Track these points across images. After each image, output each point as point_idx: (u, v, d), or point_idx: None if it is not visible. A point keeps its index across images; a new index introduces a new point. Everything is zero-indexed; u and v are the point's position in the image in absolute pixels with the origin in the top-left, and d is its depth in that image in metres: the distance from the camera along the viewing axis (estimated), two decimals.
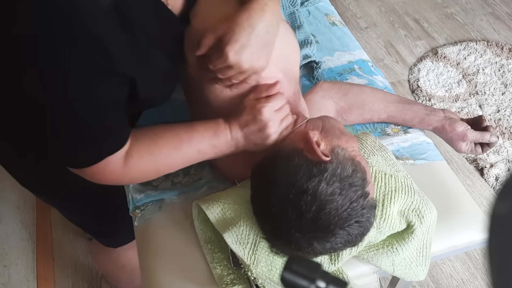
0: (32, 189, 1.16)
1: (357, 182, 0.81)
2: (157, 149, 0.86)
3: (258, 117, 0.88)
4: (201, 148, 0.88)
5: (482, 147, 1.19)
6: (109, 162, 0.81)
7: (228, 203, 0.93)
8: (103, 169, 0.81)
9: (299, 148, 0.84)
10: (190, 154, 0.89)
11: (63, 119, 0.75)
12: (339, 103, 1.17)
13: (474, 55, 2.58)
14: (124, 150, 0.82)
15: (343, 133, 0.90)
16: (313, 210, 0.77)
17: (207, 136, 0.88)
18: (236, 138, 0.90)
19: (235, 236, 0.89)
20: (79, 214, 1.28)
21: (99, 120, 0.78)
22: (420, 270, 0.97)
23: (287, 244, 0.81)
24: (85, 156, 0.80)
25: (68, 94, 0.72)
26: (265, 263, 0.88)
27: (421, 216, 0.94)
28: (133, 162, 0.84)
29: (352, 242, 0.80)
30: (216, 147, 0.89)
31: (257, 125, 0.88)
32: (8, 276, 1.79)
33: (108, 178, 0.84)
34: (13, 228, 1.93)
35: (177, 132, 0.88)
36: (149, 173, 0.90)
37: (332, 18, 1.56)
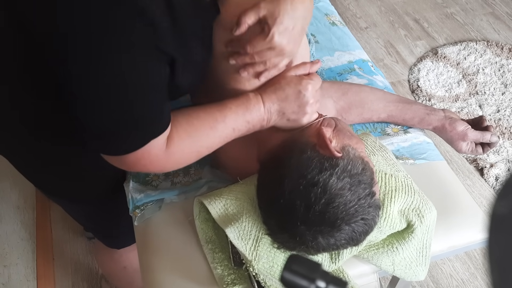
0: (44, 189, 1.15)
1: (366, 180, 0.82)
2: (195, 131, 0.85)
3: (303, 93, 0.87)
4: (235, 125, 0.87)
5: (482, 147, 1.19)
6: (153, 147, 0.79)
7: (230, 199, 0.93)
8: (147, 154, 0.79)
9: (312, 143, 0.85)
10: (226, 133, 0.87)
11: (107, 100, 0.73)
12: (338, 102, 1.17)
13: (474, 55, 2.58)
14: (166, 133, 0.81)
15: (353, 135, 0.91)
16: (322, 202, 0.77)
17: (240, 112, 0.87)
18: (269, 111, 0.88)
19: (237, 232, 0.89)
20: (87, 216, 1.28)
21: (147, 100, 0.76)
22: (420, 270, 0.97)
23: (292, 237, 0.81)
24: (129, 140, 0.78)
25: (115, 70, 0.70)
26: (267, 259, 0.88)
27: (421, 216, 0.94)
28: (175, 145, 0.82)
29: (356, 240, 0.81)
30: (250, 123, 0.88)
31: (299, 101, 0.88)
32: (8, 276, 1.79)
33: (152, 163, 0.82)
34: (13, 228, 1.93)
35: (211, 112, 0.87)
36: (190, 155, 0.88)
37: (332, 18, 1.56)
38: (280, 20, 0.80)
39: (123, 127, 0.76)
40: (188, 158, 0.89)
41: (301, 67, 0.91)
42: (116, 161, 0.81)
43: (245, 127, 0.88)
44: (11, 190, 2.04)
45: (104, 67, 0.69)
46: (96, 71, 0.70)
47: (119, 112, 0.74)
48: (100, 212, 1.24)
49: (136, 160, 0.80)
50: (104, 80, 0.71)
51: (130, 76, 0.72)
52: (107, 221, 1.28)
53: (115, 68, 0.70)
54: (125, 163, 0.81)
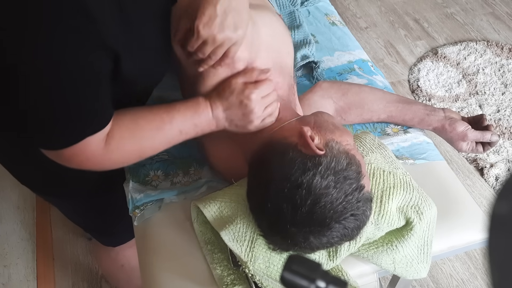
0: (32, 186, 1.14)
1: (351, 175, 0.81)
2: (139, 130, 0.85)
3: (245, 102, 0.87)
4: (182, 128, 0.87)
5: (483, 146, 1.18)
6: (90, 143, 0.77)
7: (225, 201, 0.93)
8: (83, 150, 0.78)
9: (293, 143, 0.84)
10: (172, 134, 0.87)
11: (43, 91, 0.71)
12: (338, 102, 1.16)
13: (474, 55, 2.58)
14: (106, 130, 0.79)
15: (336, 127, 0.90)
16: (308, 204, 0.77)
17: (188, 115, 0.87)
18: (217, 117, 0.89)
19: (232, 234, 0.89)
20: (79, 212, 1.28)
21: (85, 94, 0.74)
22: (421, 267, 0.97)
23: (284, 239, 0.81)
24: (64, 135, 0.76)
25: (51, 61, 0.69)
26: (263, 259, 0.88)
27: (420, 213, 0.94)
28: (115, 144, 0.81)
29: (349, 235, 0.80)
30: (198, 126, 0.88)
31: (242, 110, 0.88)
32: (8, 276, 1.79)
33: (89, 160, 0.81)
34: (13, 228, 1.93)
35: (158, 112, 0.87)
36: (131, 155, 0.87)
37: (332, 18, 1.56)
38: (201, 12, 0.80)
39: (56, 121, 0.75)
40: (129, 157, 0.88)
41: (248, 74, 0.91)
42: (53, 155, 0.80)
43: (193, 130, 0.88)
44: (11, 190, 2.04)
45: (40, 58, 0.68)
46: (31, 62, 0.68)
47: (51, 105, 0.73)
48: (92, 209, 1.24)
49: (72, 155, 0.78)
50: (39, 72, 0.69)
51: (66, 68, 0.70)
52: (100, 219, 1.28)
53: (50, 59, 0.68)
54: (61, 158, 0.79)
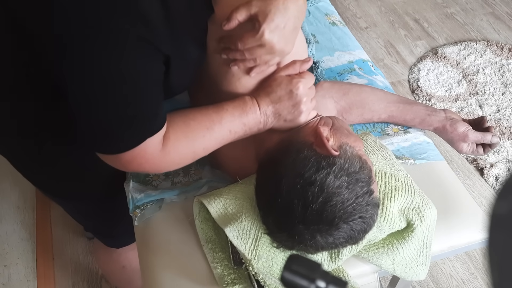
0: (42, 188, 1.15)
1: (363, 179, 0.82)
2: (191, 131, 0.86)
3: (295, 92, 0.88)
4: (232, 127, 0.88)
5: (483, 147, 1.18)
6: (149, 145, 0.79)
7: (230, 198, 0.93)
8: (142, 153, 0.79)
9: (309, 142, 0.85)
10: (222, 134, 0.88)
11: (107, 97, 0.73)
12: (339, 102, 1.16)
13: (474, 55, 2.58)
14: (163, 132, 0.81)
15: (350, 133, 0.91)
16: (319, 201, 0.77)
17: (236, 114, 0.88)
18: (265, 114, 0.89)
19: (236, 231, 0.89)
20: (84, 214, 1.28)
21: (146, 98, 0.76)
22: (420, 270, 0.97)
23: (290, 236, 0.81)
24: (126, 138, 0.77)
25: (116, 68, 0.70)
26: (266, 258, 0.88)
27: (421, 215, 0.94)
28: (171, 145, 0.82)
29: (354, 238, 0.81)
30: (246, 125, 0.89)
31: (292, 101, 0.88)
32: (8, 276, 1.79)
33: (148, 162, 0.82)
34: (13, 228, 1.93)
35: (208, 113, 0.87)
36: (186, 156, 0.88)
37: (332, 18, 1.56)
38: (271, 18, 0.80)
39: (119, 125, 0.76)
40: (184, 158, 0.89)
41: (291, 67, 0.91)
42: (112, 160, 0.81)
43: (241, 130, 0.89)
44: (11, 190, 2.04)
45: (99, 65, 0.69)
46: (90, 69, 0.70)
47: (115, 110, 0.74)
48: (99, 211, 1.24)
49: (132, 158, 0.79)
50: (99, 78, 0.71)
51: (125, 74, 0.72)
52: (106, 221, 1.28)
53: (110, 66, 0.70)
54: (120, 161, 0.80)
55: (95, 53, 0.68)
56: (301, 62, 0.92)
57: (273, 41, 0.82)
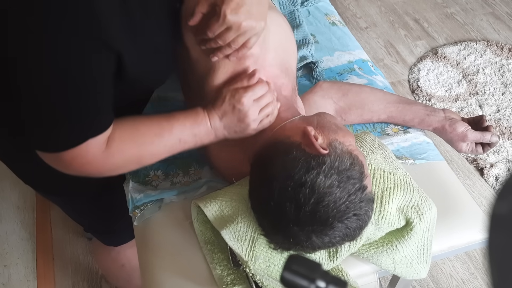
0: (32, 185, 1.14)
1: (355, 175, 0.81)
2: (140, 136, 0.85)
3: (237, 107, 0.88)
4: (182, 136, 0.88)
5: (483, 146, 1.18)
6: (91, 146, 0.77)
7: (225, 200, 0.93)
8: (84, 153, 0.77)
9: (297, 142, 0.84)
10: (171, 142, 0.87)
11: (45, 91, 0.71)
12: (338, 103, 1.16)
13: (474, 55, 2.58)
14: (107, 133, 0.79)
15: (339, 127, 0.90)
16: (311, 202, 0.77)
17: (188, 124, 0.88)
18: (215, 127, 0.89)
19: (232, 233, 0.89)
20: (80, 212, 1.28)
21: (87, 96, 0.74)
22: (421, 268, 0.97)
23: (286, 238, 0.81)
24: (67, 136, 0.76)
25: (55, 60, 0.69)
26: (263, 259, 0.88)
27: (420, 213, 0.94)
28: (115, 147, 0.81)
29: (351, 236, 0.80)
30: (197, 136, 0.89)
31: (236, 115, 0.89)
32: (8, 276, 1.79)
33: (90, 164, 0.80)
34: (13, 228, 1.93)
35: (159, 120, 0.87)
36: (131, 160, 0.87)
37: (332, 18, 1.56)
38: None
39: (60, 122, 0.74)
40: (128, 162, 0.87)
41: (238, 81, 0.91)
42: (52, 159, 0.79)
43: (192, 140, 0.89)
44: (11, 190, 2.04)
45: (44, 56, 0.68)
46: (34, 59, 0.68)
47: (57, 106, 0.73)
48: (94, 208, 1.24)
49: (72, 158, 0.78)
50: (42, 70, 0.69)
51: (69, 67, 0.70)
52: (102, 219, 1.28)
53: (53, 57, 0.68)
54: (61, 161, 0.78)
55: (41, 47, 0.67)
56: (248, 76, 0.91)
57: (238, 19, 0.81)
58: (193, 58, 0.95)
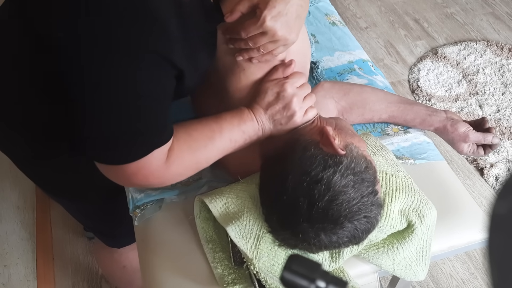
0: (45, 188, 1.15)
1: (369, 178, 0.82)
2: (194, 142, 0.86)
3: (282, 94, 0.88)
4: (232, 136, 0.88)
5: (484, 148, 1.18)
6: (155, 157, 0.79)
7: (231, 197, 0.93)
8: (148, 164, 0.79)
9: (316, 141, 0.85)
10: (223, 143, 0.88)
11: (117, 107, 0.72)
12: (340, 102, 1.16)
13: (474, 55, 2.58)
14: (169, 144, 0.81)
15: (355, 134, 0.92)
16: (325, 200, 0.77)
17: (235, 123, 0.88)
18: (261, 121, 0.90)
19: (238, 230, 0.89)
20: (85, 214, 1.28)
21: (158, 110, 0.76)
22: (420, 270, 0.97)
23: (294, 234, 0.81)
24: (134, 149, 0.77)
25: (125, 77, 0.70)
26: (268, 257, 0.88)
27: (422, 216, 0.94)
28: (175, 156, 0.83)
29: (358, 237, 0.81)
30: (245, 133, 0.89)
31: (281, 103, 0.89)
32: (8, 276, 1.79)
33: (152, 174, 0.82)
34: (13, 228, 1.93)
35: (208, 123, 0.88)
36: (190, 166, 0.88)
37: (332, 18, 1.55)
38: (272, 5, 0.81)
39: (128, 137, 0.76)
40: (188, 169, 0.89)
41: (274, 73, 0.91)
42: (115, 171, 0.80)
43: (241, 138, 0.89)
44: (11, 190, 2.04)
45: (111, 75, 0.69)
46: (102, 78, 0.70)
47: (126, 123, 0.74)
48: (100, 211, 1.24)
49: (137, 170, 0.79)
50: (110, 88, 0.71)
51: (139, 87, 0.72)
52: (107, 221, 1.28)
53: (121, 76, 0.70)
54: (125, 173, 0.80)
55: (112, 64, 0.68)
56: (284, 66, 0.92)
57: (275, 27, 0.82)
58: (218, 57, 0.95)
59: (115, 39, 0.67)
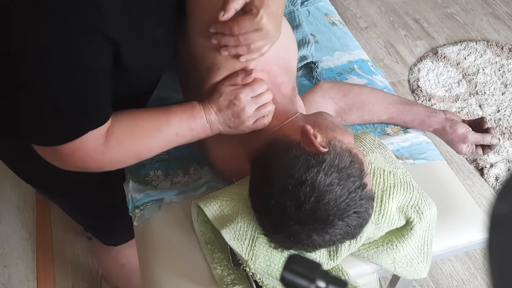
0: (33, 184, 1.14)
1: (355, 173, 0.81)
2: (138, 129, 0.85)
3: (234, 102, 0.88)
4: (179, 130, 0.88)
5: (483, 149, 1.18)
6: (91, 138, 0.77)
7: (226, 200, 0.93)
8: (84, 146, 0.77)
9: (296, 141, 0.85)
10: (169, 136, 0.88)
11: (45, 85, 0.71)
12: (339, 103, 1.16)
13: (474, 55, 2.58)
14: (106, 126, 0.80)
15: (337, 126, 0.90)
16: (312, 201, 0.77)
17: (185, 118, 0.88)
18: (211, 121, 0.90)
19: (232, 233, 0.89)
20: (79, 211, 1.28)
21: (86, 89, 0.75)
22: (421, 267, 0.97)
23: (286, 237, 0.81)
24: (66, 129, 0.76)
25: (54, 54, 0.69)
26: (263, 258, 0.88)
27: (420, 212, 0.93)
28: (114, 140, 0.81)
29: (351, 234, 0.80)
30: (193, 130, 0.89)
31: (231, 110, 0.89)
32: (8, 276, 1.79)
33: (89, 157, 0.80)
34: (13, 228, 1.93)
35: (157, 114, 0.88)
36: (130, 154, 0.87)
37: (332, 18, 1.55)
38: (267, 4, 0.82)
39: (59, 114, 0.74)
40: (127, 156, 0.88)
41: (233, 78, 0.91)
42: (51, 153, 0.79)
43: (189, 134, 0.89)
44: (11, 190, 2.04)
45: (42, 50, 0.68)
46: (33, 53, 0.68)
47: (56, 98, 0.73)
48: (94, 208, 1.24)
49: (72, 151, 0.78)
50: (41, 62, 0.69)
51: (67, 61, 0.70)
52: (101, 218, 1.28)
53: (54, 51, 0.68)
54: (60, 155, 0.78)
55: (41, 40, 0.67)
56: (244, 73, 0.91)
57: (270, 26, 0.83)
58: (198, 54, 0.94)
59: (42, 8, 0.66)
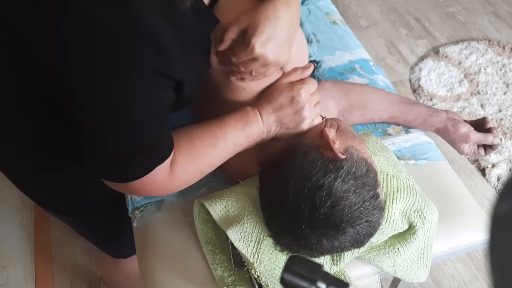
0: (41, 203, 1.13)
1: (370, 182, 0.81)
2: (197, 151, 0.85)
3: (296, 99, 0.87)
4: (236, 140, 0.87)
5: (484, 149, 1.18)
6: (159, 172, 0.78)
7: (231, 200, 0.93)
8: (152, 180, 0.78)
9: (316, 145, 0.85)
10: (227, 149, 0.87)
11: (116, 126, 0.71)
12: (340, 102, 1.16)
13: (475, 55, 2.58)
14: (171, 157, 0.80)
15: (355, 136, 0.91)
16: (327, 206, 0.77)
17: (239, 127, 0.87)
18: (268, 123, 0.88)
19: (238, 234, 0.88)
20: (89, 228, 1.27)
21: (156, 127, 0.75)
22: (421, 272, 0.97)
23: (296, 240, 0.80)
24: (136, 167, 0.76)
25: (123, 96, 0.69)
26: (268, 261, 0.88)
27: (423, 217, 0.93)
28: (179, 168, 0.82)
29: (360, 242, 0.81)
30: (250, 136, 0.88)
31: (293, 108, 0.88)
32: (6, 277, 1.78)
33: (158, 188, 0.81)
34: (11, 228, 1.93)
35: (211, 129, 0.86)
36: (194, 176, 0.88)
37: (333, 17, 1.55)
38: (261, 30, 0.79)
39: (127, 154, 0.74)
40: (192, 179, 0.88)
41: (292, 74, 0.90)
42: (120, 187, 0.80)
43: (245, 141, 0.88)
44: (9, 191, 2.04)
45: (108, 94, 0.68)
46: (100, 98, 0.68)
47: (123, 139, 0.73)
48: (105, 225, 1.23)
49: (141, 186, 0.79)
50: (108, 107, 0.69)
51: (134, 103, 0.70)
52: (112, 233, 1.28)
53: (119, 95, 0.68)
54: (129, 189, 0.80)
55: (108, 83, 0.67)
56: (302, 69, 0.91)
57: (266, 53, 0.81)
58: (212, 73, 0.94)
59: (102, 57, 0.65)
